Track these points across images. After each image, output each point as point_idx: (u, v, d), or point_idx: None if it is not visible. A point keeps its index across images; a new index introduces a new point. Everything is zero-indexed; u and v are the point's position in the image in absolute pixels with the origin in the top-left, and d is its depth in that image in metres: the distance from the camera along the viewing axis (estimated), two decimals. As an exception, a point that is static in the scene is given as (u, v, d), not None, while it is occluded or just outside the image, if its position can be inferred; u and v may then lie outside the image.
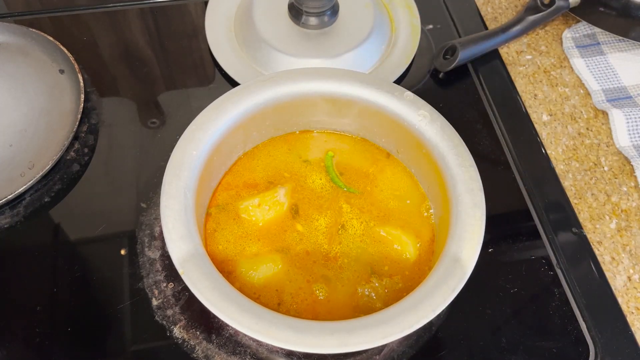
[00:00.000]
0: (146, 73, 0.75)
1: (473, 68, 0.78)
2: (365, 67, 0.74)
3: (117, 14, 0.81)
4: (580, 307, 0.59)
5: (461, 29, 0.83)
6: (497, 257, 0.62)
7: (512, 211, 0.66)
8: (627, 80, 0.78)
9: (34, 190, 0.64)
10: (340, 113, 0.62)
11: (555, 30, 0.84)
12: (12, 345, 0.54)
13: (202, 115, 0.56)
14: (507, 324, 0.58)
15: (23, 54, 0.74)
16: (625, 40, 0.81)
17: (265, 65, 0.73)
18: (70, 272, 0.58)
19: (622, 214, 0.66)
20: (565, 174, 0.69)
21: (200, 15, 0.80)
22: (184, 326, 0.55)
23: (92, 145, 0.68)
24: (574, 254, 0.62)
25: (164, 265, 0.59)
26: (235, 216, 0.58)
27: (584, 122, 0.74)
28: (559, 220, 0.65)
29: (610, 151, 0.72)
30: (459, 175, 0.54)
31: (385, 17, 0.79)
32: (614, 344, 0.57)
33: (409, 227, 0.59)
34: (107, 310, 0.56)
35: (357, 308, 0.54)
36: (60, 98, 0.70)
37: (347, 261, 0.56)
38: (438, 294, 0.46)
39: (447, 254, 0.49)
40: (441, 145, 0.56)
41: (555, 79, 0.79)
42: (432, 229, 0.59)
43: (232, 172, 0.62)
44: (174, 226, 0.49)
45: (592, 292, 0.60)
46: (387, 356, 0.55)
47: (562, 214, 0.65)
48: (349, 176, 0.62)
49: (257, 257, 0.56)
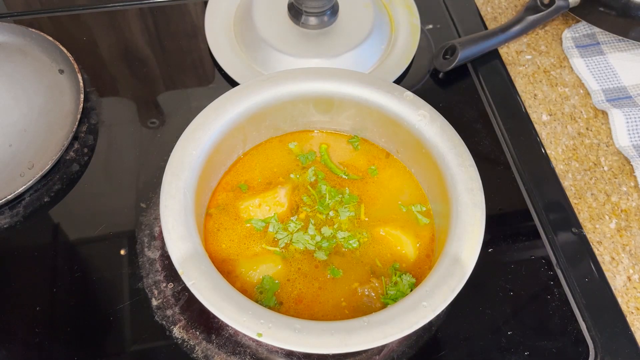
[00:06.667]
0: (146, 73, 0.75)
1: (473, 68, 0.78)
2: (365, 67, 0.74)
3: (116, 14, 0.81)
4: (580, 307, 0.59)
5: (461, 28, 0.83)
6: (497, 257, 0.62)
7: (512, 211, 0.66)
8: (627, 80, 0.78)
9: (34, 191, 0.64)
10: (339, 113, 0.62)
11: (555, 30, 0.84)
12: (12, 345, 0.54)
13: (202, 115, 0.56)
14: (507, 324, 0.58)
15: (23, 54, 0.74)
16: (625, 40, 0.81)
17: (265, 65, 0.73)
18: (70, 272, 0.58)
19: (622, 214, 0.66)
20: (565, 174, 0.69)
21: (200, 15, 0.80)
22: (183, 326, 0.55)
23: (91, 146, 0.68)
24: (574, 254, 0.62)
25: (164, 265, 0.59)
26: (236, 216, 0.58)
27: (583, 122, 0.74)
28: (559, 220, 0.65)
29: (610, 151, 0.72)
30: (458, 175, 0.54)
31: (385, 17, 0.79)
32: (614, 344, 0.57)
33: (408, 227, 0.59)
34: (107, 310, 0.56)
35: (357, 308, 0.54)
36: (59, 98, 0.70)
37: (347, 261, 0.56)
38: (438, 294, 0.46)
39: (447, 254, 0.49)
40: (441, 145, 0.56)
41: (555, 79, 0.79)
42: (432, 229, 0.59)
43: (231, 172, 0.62)
44: (174, 226, 0.48)
45: (592, 292, 0.60)
46: (387, 356, 0.55)
47: (561, 213, 0.65)
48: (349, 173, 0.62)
49: (257, 257, 0.56)
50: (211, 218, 0.58)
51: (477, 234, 0.50)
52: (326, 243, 0.56)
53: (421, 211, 0.59)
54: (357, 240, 0.57)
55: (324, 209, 0.59)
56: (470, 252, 0.49)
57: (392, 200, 0.61)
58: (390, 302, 0.52)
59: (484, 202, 0.52)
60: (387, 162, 0.64)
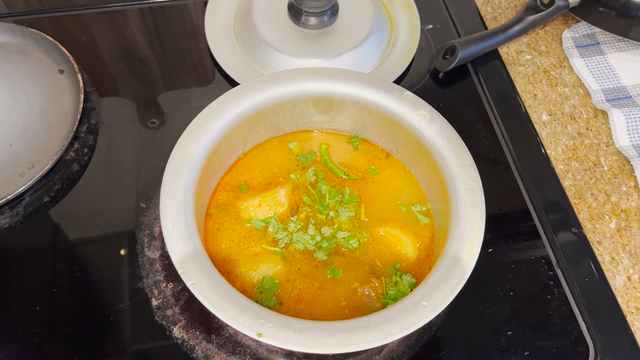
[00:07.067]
0: (146, 73, 0.75)
1: (473, 68, 0.78)
2: (365, 67, 0.74)
3: (116, 14, 0.81)
4: (580, 307, 0.59)
5: (461, 28, 0.83)
6: (497, 257, 0.62)
7: (512, 211, 0.66)
8: (627, 80, 0.78)
9: (34, 191, 0.64)
10: (339, 113, 0.62)
11: (555, 30, 0.84)
12: (12, 345, 0.54)
13: (202, 115, 0.56)
14: (507, 324, 0.58)
15: (23, 54, 0.74)
16: (624, 40, 0.81)
17: (265, 65, 0.73)
18: (70, 272, 0.58)
19: (622, 213, 0.66)
20: (565, 173, 0.69)
21: (200, 15, 0.80)
22: (183, 326, 0.55)
23: (91, 146, 0.68)
24: (574, 254, 0.62)
25: (164, 265, 0.59)
26: (236, 216, 0.58)
27: (583, 122, 0.74)
28: (559, 220, 0.65)
29: (609, 151, 0.72)
30: (458, 175, 0.54)
31: (385, 17, 0.79)
32: (614, 344, 0.57)
33: (408, 227, 0.59)
34: (106, 310, 0.56)
35: (357, 308, 0.54)
36: (59, 98, 0.70)
37: (346, 261, 0.56)
38: (438, 294, 0.46)
39: (447, 253, 0.49)
40: (441, 145, 0.56)
41: (554, 79, 0.79)
42: (432, 229, 0.59)
43: (231, 172, 0.62)
44: (174, 226, 0.49)
45: (592, 292, 0.60)
46: (387, 356, 0.55)
47: (561, 213, 0.65)
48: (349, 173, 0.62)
49: (257, 257, 0.56)
50: (211, 218, 0.58)
51: (477, 234, 0.50)
52: (326, 243, 0.56)
53: (421, 211, 0.59)
54: (357, 240, 0.57)
55: (324, 209, 0.59)
56: (470, 252, 0.49)
57: (392, 200, 0.61)
58: (390, 302, 0.52)
59: (484, 202, 0.52)
60: (387, 162, 0.64)
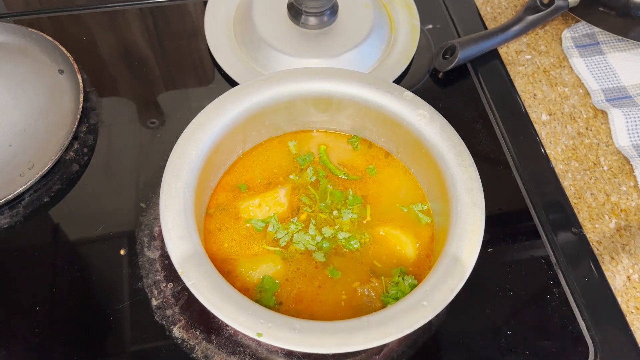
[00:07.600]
0: (145, 73, 0.75)
1: (472, 68, 0.78)
2: (365, 67, 0.74)
3: (116, 14, 0.81)
4: (580, 307, 0.59)
5: (460, 28, 0.83)
6: (496, 257, 0.62)
7: (511, 211, 0.66)
8: (627, 79, 0.78)
9: (34, 191, 0.64)
10: (339, 113, 0.62)
11: (555, 30, 0.84)
12: (12, 345, 0.54)
13: (202, 115, 0.56)
14: (507, 324, 0.58)
15: (22, 54, 0.74)
16: (624, 40, 0.81)
17: (265, 65, 0.73)
18: (70, 272, 0.58)
19: (622, 213, 0.66)
20: (565, 173, 0.69)
21: (200, 15, 0.80)
22: (183, 326, 0.55)
23: (91, 146, 0.68)
24: (574, 254, 0.62)
25: (164, 265, 0.59)
26: (236, 216, 0.58)
27: (583, 121, 0.75)
28: (559, 220, 0.65)
29: (609, 151, 0.72)
30: (458, 174, 0.54)
31: (385, 17, 0.79)
32: (614, 344, 0.57)
33: (408, 227, 0.59)
34: (106, 310, 0.56)
35: (357, 308, 0.54)
36: (59, 98, 0.70)
37: (346, 261, 0.56)
38: (438, 293, 0.46)
39: (446, 253, 0.49)
40: (441, 144, 0.56)
41: (554, 79, 0.79)
42: (432, 229, 0.59)
43: (231, 172, 0.62)
44: (174, 226, 0.49)
45: (592, 291, 0.60)
46: (387, 356, 0.55)
47: (561, 213, 0.65)
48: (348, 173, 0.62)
49: (257, 257, 0.56)
50: (211, 218, 0.58)
51: (477, 234, 0.50)
52: (326, 244, 0.56)
53: (422, 210, 0.59)
54: (358, 241, 0.57)
55: (325, 209, 0.59)
56: (470, 251, 0.49)
57: (392, 200, 0.61)
58: (390, 301, 0.52)
59: (484, 202, 0.52)
60: (387, 161, 0.64)
